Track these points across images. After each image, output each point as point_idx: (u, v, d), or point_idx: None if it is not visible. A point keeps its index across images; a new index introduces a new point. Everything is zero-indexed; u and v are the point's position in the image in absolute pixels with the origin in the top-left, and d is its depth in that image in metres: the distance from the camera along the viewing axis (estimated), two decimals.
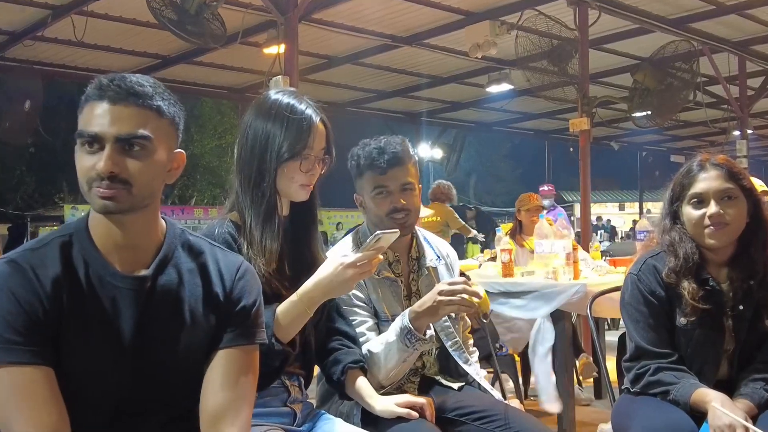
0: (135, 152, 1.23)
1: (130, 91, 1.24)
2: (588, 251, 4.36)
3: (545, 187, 7.40)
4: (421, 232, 2.18)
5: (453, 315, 2.04)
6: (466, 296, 1.76)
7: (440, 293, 1.78)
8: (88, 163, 1.23)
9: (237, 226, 1.64)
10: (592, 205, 6.73)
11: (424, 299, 1.84)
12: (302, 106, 1.66)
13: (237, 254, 1.46)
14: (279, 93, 1.70)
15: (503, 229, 4.83)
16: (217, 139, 21.50)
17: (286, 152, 1.63)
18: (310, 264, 1.68)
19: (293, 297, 1.59)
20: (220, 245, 1.44)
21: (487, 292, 1.83)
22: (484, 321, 2.07)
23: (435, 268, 2.12)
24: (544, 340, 3.34)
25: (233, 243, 1.60)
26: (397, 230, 1.64)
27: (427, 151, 12.62)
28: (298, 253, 1.71)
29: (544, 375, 3.33)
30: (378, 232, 1.58)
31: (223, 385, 1.30)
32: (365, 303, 1.97)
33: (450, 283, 1.80)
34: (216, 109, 20.83)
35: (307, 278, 1.60)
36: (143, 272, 1.28)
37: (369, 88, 9.71)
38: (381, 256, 1.63)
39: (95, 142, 1.22)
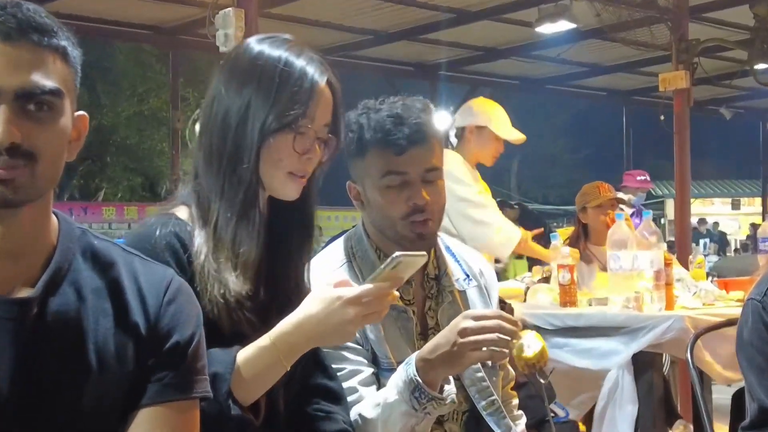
0: (40, 114, 1.24)
1: (30, 23, 1.24)
2: (687, 268, 4.37)
3: (642, 177, 7.26)
4: (443, 240, 2.19)
5: (489, 363, 2.04)
6: (502, 337, 1.76)
7: (462, 332, 1.77)
8: None
9: (189, 227, 1.65)
10: (692, 201, 6.74)
11: (437, 340, 1.83)
12: (301, 61, 1.67)
13: (164, 266, 1.47)
14: (265, 42, 1.71)
15: (561, 236, 4.84)
16: (137, 104, 21.48)
17: (273, 121, 1.63)
18: (291, 293, 1.69)
19: (263, 340, 1.59)
20: (139, 252, 1.44)
21: (539, 331, 1.82)
22: (542, 381, 2.06)
23: (463, 292, 2.13)
24: (623, 402, 3.33)
25: (181, 250, 1.60)
26: (425, 254, 1.64)
27: (448, 120, 12.64)
28: (274, 276, 1.71)
29: None
30: (398, 254, 1.56)
31: None
32: (359, 344, 1.98)
33: (476, 317, 1.80)
34: (135, 59, 20.81)
35: (285, 314, 1.60)
36: (27, 293, 1.28)
37: (362, 27, 9.72)
38: (396, 292, 1.61)
39: None
